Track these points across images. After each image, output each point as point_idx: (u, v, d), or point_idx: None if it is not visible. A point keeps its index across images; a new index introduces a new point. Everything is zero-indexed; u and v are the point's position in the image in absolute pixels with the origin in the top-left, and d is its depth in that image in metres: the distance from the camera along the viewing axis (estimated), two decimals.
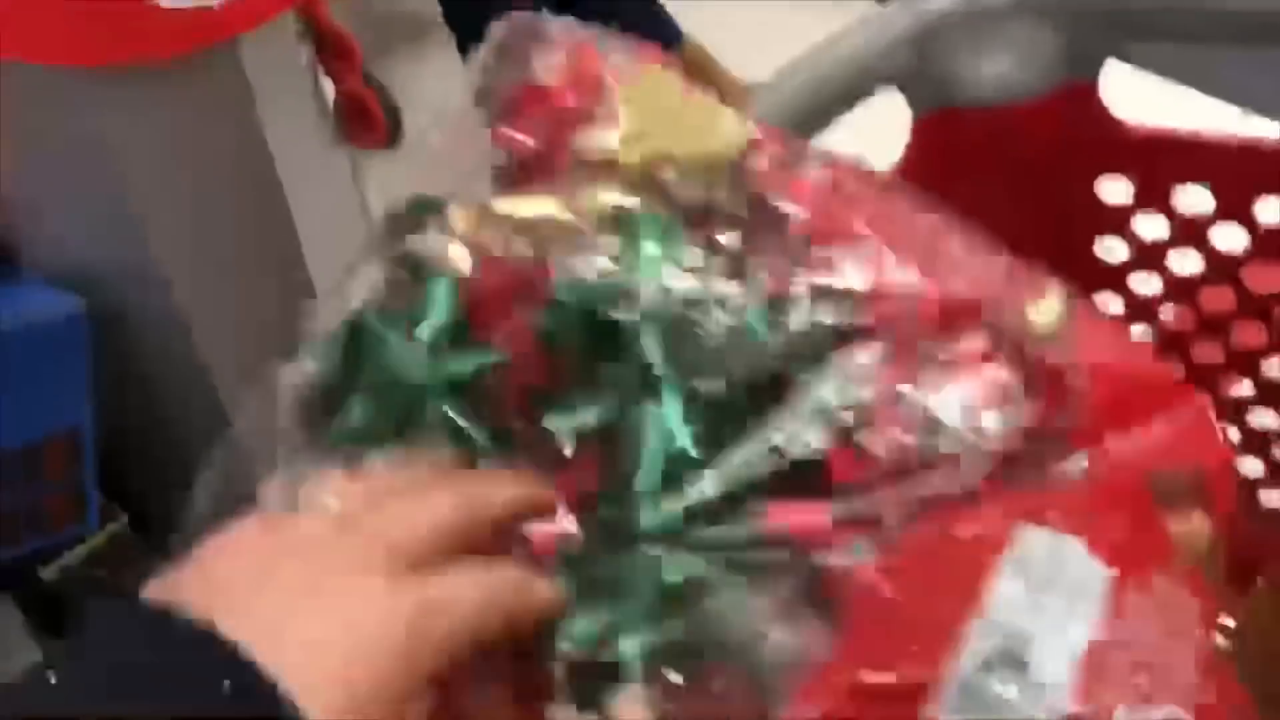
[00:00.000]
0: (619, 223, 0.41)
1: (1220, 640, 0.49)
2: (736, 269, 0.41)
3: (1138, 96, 0.73)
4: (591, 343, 0.40)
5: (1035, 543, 0.41)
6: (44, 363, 0.62)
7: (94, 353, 0.64)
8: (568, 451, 0.40)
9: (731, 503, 0.39)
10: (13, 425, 0.62)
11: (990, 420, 0.41)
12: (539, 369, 0.41)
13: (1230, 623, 0.76)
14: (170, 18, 0.51)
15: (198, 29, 0.53)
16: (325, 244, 0.67)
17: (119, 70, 0.55)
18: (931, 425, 0.40)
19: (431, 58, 1.54)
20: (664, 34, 1.33)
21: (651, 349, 0.40)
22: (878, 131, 0.66)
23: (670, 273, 0.40)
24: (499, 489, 0.39)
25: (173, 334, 0.65)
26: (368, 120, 0.76)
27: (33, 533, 0.66)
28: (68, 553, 0.68)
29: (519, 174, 0.44)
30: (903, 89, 0.67)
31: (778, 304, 0.41)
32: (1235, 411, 0.73)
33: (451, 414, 0.40)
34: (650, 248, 0.41)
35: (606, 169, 0.43)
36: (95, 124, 0.58)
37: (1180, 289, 0.71)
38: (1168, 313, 0.73)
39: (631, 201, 0.42)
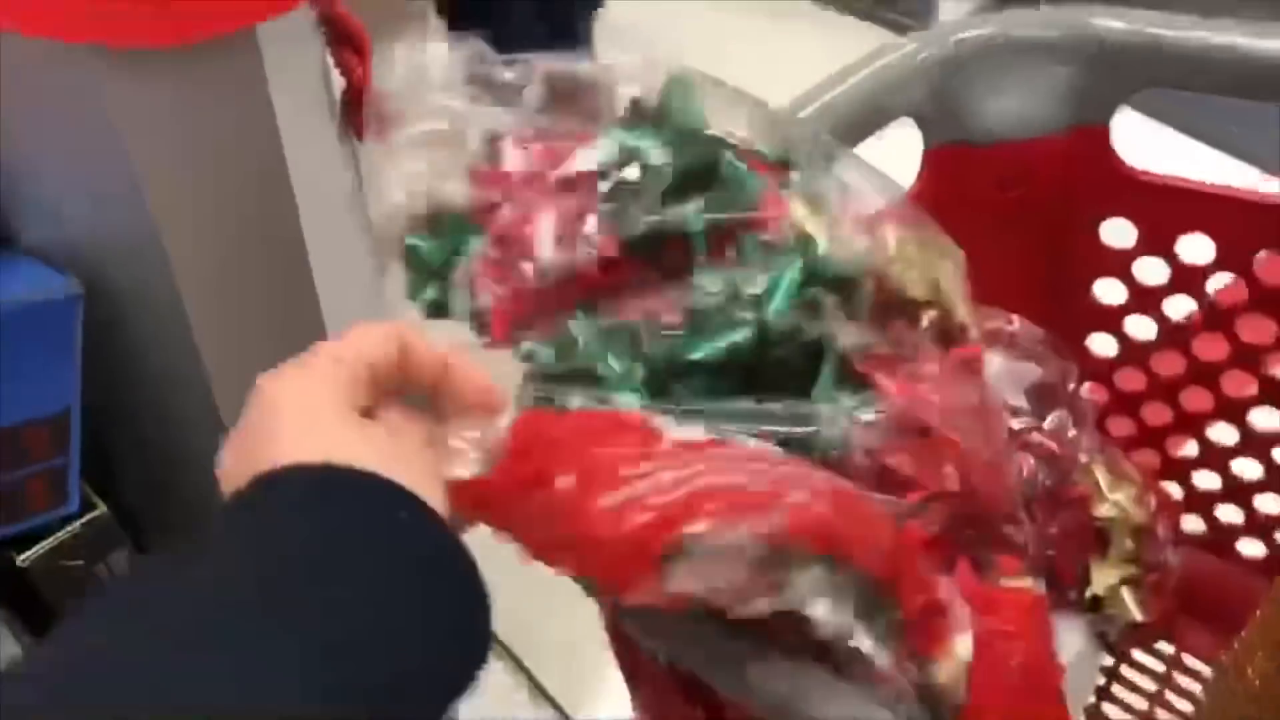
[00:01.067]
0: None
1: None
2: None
3: (1148, 145, 0.73)
4: None
5: None
6: (36, 343, 0.60)
7: (86, 333, 0.63)
8: None
9: None
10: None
11: None
12: None
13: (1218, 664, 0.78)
14: (198, 4, 0.50)
15: (224, 15, 0.52)
16: (326, 235, 0.66)
17: (132, 49, 0.54)
18: None
19: (420, 42, 1.52)
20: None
21: None
22: (889, 161, 0.66)
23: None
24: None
25: (168, 317, 0.64)
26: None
27: (11, 516, 0.64)
28: (46, 538, 0.67)
29: None
30: (917, 120, 0.68)
31: None
32: (1220, 459, 0.74)
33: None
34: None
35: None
36: (103, 102, 0.56)
37: (1175, 335, 0.72)
38: (1160, 358, 0.73)
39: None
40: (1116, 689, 0.78)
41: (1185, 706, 0.77)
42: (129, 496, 0.72)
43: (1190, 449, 0.76)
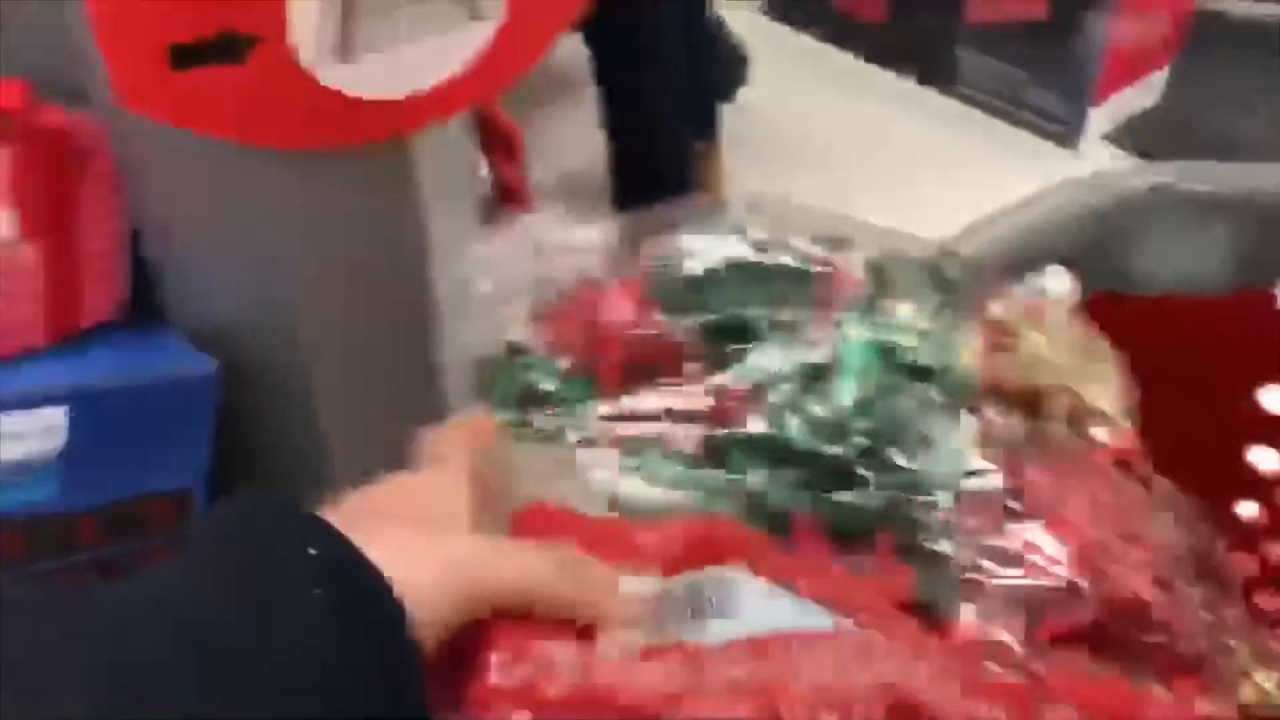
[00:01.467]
0: None
1: None
2: None
3: None
4: None
5: None
6: (169, 419, 0.62)
7: (218, 412, 0.64)
8: None
9: None
10: (126, 477, 0.61)
11: None
12: None
13: None
14: (367, 109, 0.51)
15: (392, 121, 0.52)
16: (462, 334, 0.67)
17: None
18: None
19: (571, 117, 1.53)
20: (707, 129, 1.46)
21: None
22: None
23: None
24: None
25: (297, 403, 0.65)
26: (519, 209, 0.76)
27: None
28: None
29: None
30: (1071, 267, 0.65)
31: None
32: None
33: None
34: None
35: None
36: (257, 194, 0.58)
37: None
38: None
39: None
40: None
41: None
42: None
43: None
